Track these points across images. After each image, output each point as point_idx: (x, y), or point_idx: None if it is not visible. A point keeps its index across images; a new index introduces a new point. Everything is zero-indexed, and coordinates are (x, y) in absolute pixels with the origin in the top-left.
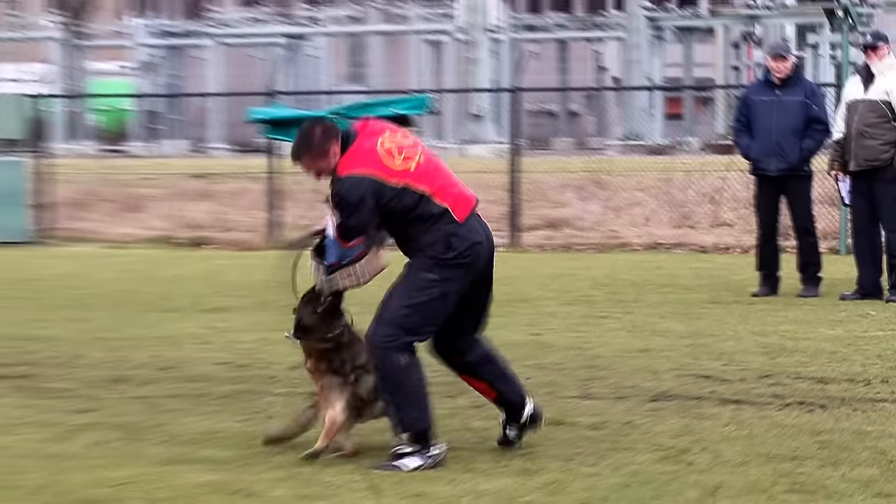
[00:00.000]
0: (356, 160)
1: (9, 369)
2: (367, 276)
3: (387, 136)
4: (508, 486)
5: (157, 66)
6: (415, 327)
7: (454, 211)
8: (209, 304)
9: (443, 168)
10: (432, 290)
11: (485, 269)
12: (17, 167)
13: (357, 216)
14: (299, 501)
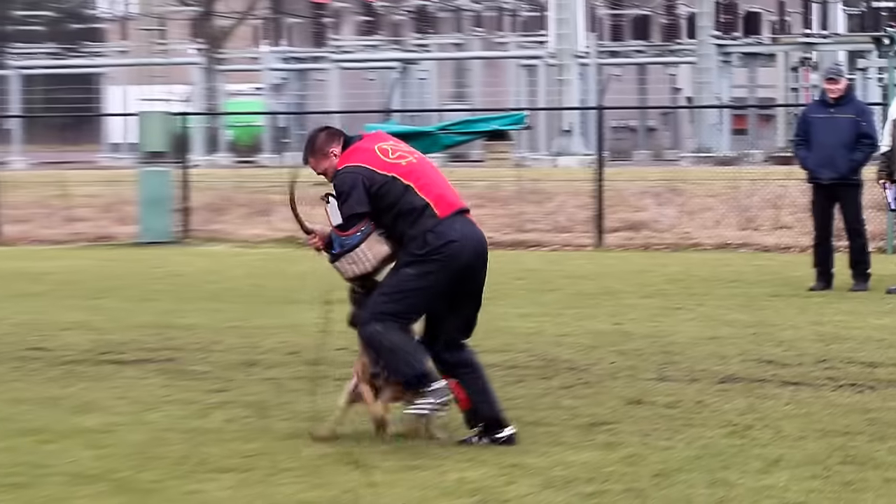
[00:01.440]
0: (352, 157)
1: (155, 353)
2: (372, 261)
3: (386, 142)
4: (593, 458)
5: (285, 88)
6: (391, 312)
7: (436, 206)
8: (330, 297)
9: (435, 174)
10: (409, 282)
11: (468, 269)
12: (164, 176)
13: (350, 201)
14: (408, 471)
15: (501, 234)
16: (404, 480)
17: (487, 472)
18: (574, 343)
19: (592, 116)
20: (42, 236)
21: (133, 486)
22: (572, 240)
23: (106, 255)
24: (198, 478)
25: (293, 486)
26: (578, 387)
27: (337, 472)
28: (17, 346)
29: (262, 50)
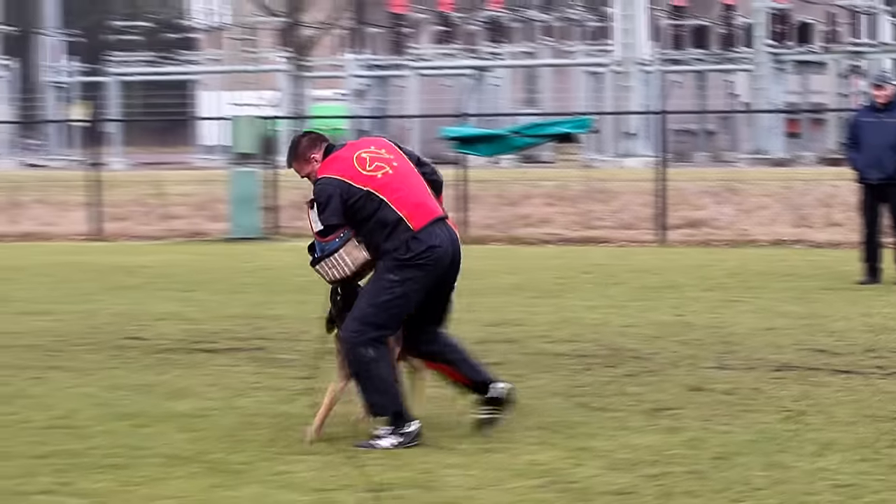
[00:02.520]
0: (332, 166)
1: (245, 343)
2: (351, 267)
3: (367, 150)
4: (657, 441)
5: (367, 93)
6: (380, 323)
7: (410, 220)
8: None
9: (413, 183)
10: (394, 289)
11: (447, 271)
12: (252, 176)
13: (327, 211)
14: (482, 454)
15: (570, 230)
16: (478, 462)
17: (557, 455)
18: (638, 333)
19: (655, 120)
20: (139, 232)
21: (224, 467)
22: (636, 236)
23: (199, 250)
24: (285, 459)
25: (374, 467)
26: (643, 374)
27: (415, 454)
28: (115, 336)
29: (345, 58)
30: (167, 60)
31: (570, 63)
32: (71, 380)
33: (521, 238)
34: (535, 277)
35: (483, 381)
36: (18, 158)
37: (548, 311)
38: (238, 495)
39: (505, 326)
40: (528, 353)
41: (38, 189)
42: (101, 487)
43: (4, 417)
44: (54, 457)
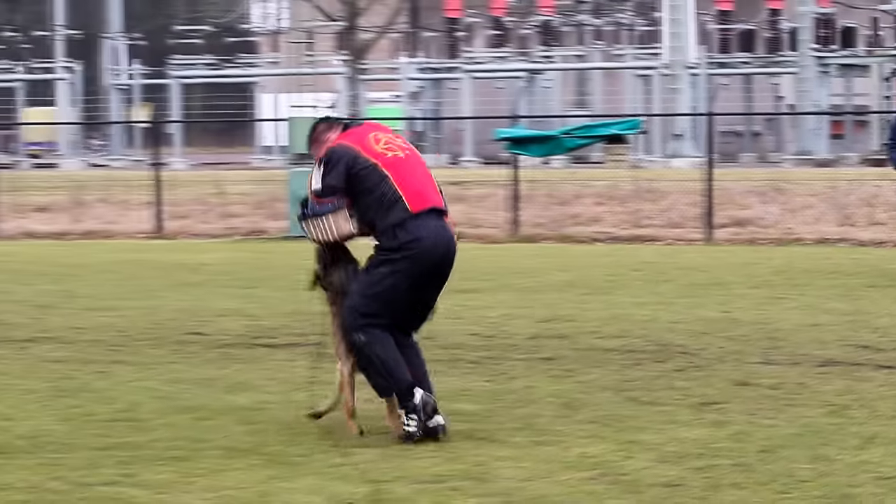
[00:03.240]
0: (346, 138)
1: (303, 338)
2: (334, 235)
3: (384, 132)
4: (703, 434)
5: (422, 95)
6: (371, 313)
7: (409, 201)
8: (462, 286)
9: (418, 171)
10: (384, 281)
11: (436, 267)
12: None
13: (331, 174)
14: (534, 446)
15: (619, 229)
16: (530, 455)
17: (607, 448)
18: (686, 329)
19: (702, 122)
20: (200, 231)
21: (282, 459)
22: (684, 235)
23: (258, 247)
24: (342, 451)
25: (429, 459)
26: (690, 369)
27: (468, 447)
28: (177, 331)
29: (401, 61)
30: (227, 63)
31: (619, 66)
32: (134, 374)
33: (571, 236)
34: (585, 275)
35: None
36: (82, 158)
37: (598, 308)
38: (295, 487)
39: (557, 322)
40: (579, 349)
41: (101, 188)
42: (162, 479)
43: (69, 410)
44: (117, 449)
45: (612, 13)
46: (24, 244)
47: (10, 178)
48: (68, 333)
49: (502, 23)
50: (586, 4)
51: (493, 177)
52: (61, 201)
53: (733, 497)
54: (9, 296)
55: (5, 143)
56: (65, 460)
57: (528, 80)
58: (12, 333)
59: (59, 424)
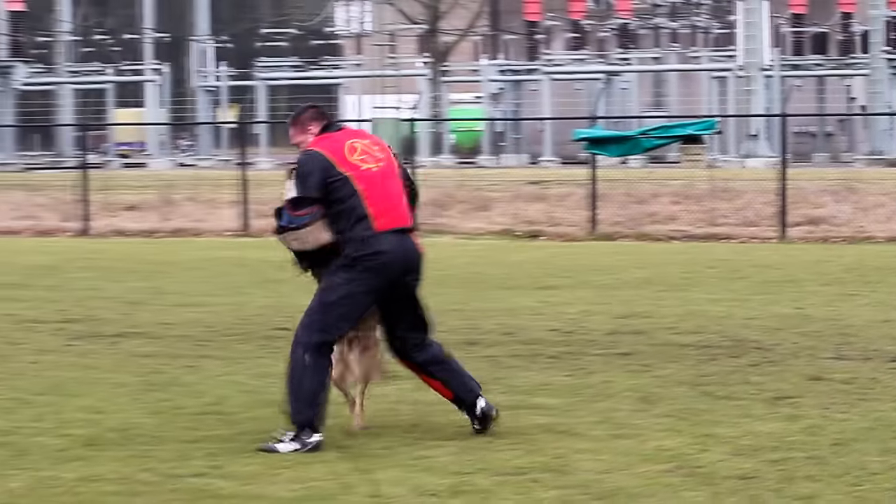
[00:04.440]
0: (322, 143)
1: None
2: (313, 245)
3: (361, 140)
4: (777, 428)
5: (502, 97)
6: (327, 323)
7: (375, 219)
8: (542, 283)
9: (391, 186)
10: (340, 290)
11: (396, 281)
12: None
13: (307, 183)
14: (613, 440)
15: (695, 227)
16: (609, 448)
17: (683, 441)
18: (760, 325)
19: (776, 122)
20: None
21: (367, 451)
22: (758, 233)
23: None
24: (425, 444)
25: (509, 452)
26: (764, 364)
27: (548, 440)
28: (263, 326)
29: (481, 63)
30: (312, 65)
31: (695, 68)
32: (221, 368)
33: (648, 234)
34: (662, 272)
35: (470, 400)
36: (170, 158)
37: (674, 304)
38: (379, 478)
39: (634, 318)
40: (655, 344)
41: (189, 187)
42: (249, 470)
43: (159, 404)
44: (206, 441)
45: (688, 16)
46: (114, 242)
47: (100, 177)
48: (158, 329)
49: (581, 26)
50: (663, 8)
51: (572, 176)
52: (150, 200)
53: (807, 489)
54: (100, 292)
55: (96, 144)
56: (154, 452)
57: (606, 81)
58: (103, 329)
59: (149, 417)
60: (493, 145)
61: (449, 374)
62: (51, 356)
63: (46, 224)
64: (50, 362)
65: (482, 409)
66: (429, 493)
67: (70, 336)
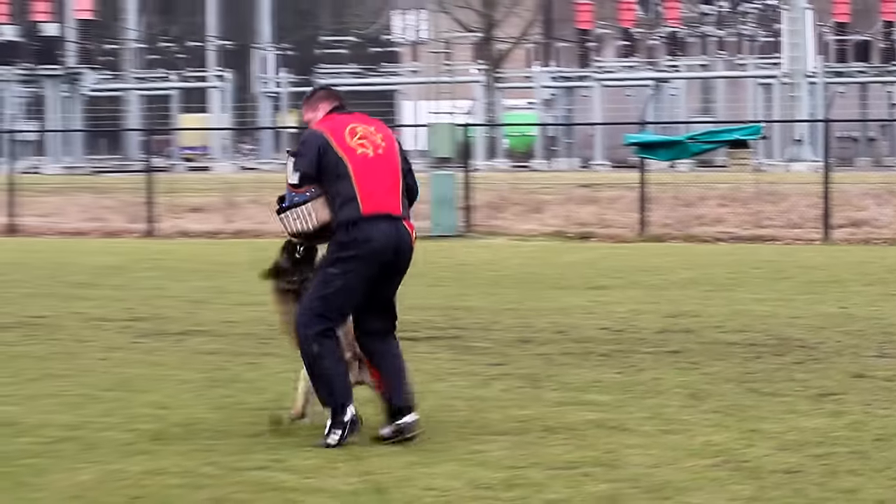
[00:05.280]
0: (326, 124)
1: (442, 331)
2: (315, 223)
3: (365, 127)
4: (822, 424)
5: (554, 102)
6: (326, 315)
7: (362, 202)
8: (593, 283)
9: (386, 173)
10: (335, 282)
11: (388, 267)
12: (450, 178)
13: (303, 160)
14: (661, 435)
15: (741, 229)
16: (657, 443)
17: (730, 437)
18: (805, 324)
19: (820, 128)
20: None
21: (423, 446)
22: (803, 235)
23: None
24: (479, 439)
25: (561, 447)
26: (809, 362)
27: (599, 435)
28: None
29: (534, 70)
30: (371, 72)
31: (742, 75)
32: (282, 365)
33: (696, 236)
34: (709, 272)
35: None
36: (233, 162)
37: (721, 304)
38: (435, 472)
39: (682, 317)
40: (703, 342)
41: (251, 190)
42: (309, 464)
43: (223, 400)
44: (267, 436)
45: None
46: (178, 243)
47: (166, 180)
48: (221, 327)
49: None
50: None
51: (622, 179)
52: (214, 202)
53: (850, 483)
54: (165, 291)
55: (161, 148)
56: (218, 446)
57: (656, 88)
58: (168, 327)
59: (213, 413)
60: (546, 149)
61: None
62: (118, 353)
63: (114, 225)
64: (117, 359)
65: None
66: (483, 486)
67: (137, 334)
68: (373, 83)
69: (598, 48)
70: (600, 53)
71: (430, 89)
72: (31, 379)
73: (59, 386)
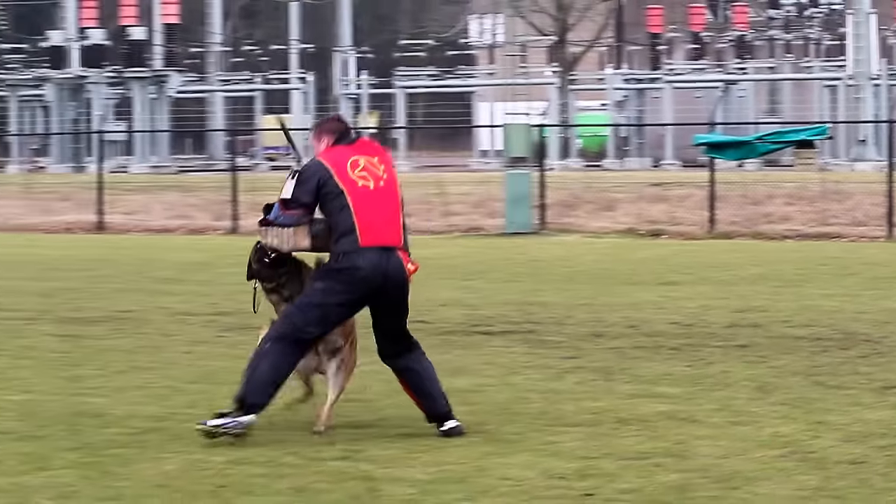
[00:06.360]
0: (329, 154)
1: (517, 326)
2: (290, 245)
3: (368, 158)
4: (886, 416)
5: (626, 104)
6: (299, 324)
7: (360, 234)
8: (663, 279)
9: (386, 205)
10: (315, 296)
11: (375, 296)
12: (525, 178)
13: (302, 188)
14: (730, 426)
15: (808, 227)
16: (726, 434)
17: (797, 428)
18: (870, 319)
19: (884, 128)
20: (423, 228)
21: (498, 437)
22: (867, 232)
23: (476, 243)
24: (553, 430)
25: (633, 438)
26: (873, 356)
27: (670, 426)
28: None
29: (607, 72)
30: (448, 74)
31: (808, 77)
32: (362, 357)
33: (763, 233)
34: (776, 269)
35: (438, 415)
36: None
37: (788, 299)
38: (510, 462)
39: (750, 312)
40: (771, 337)
41: None
42: (389, 454)
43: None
44: (348, 426)
45: (801, 29)
46: None
47: (248, 179)
48: None
49: (700, 37)
50: (777, 21)
51: (691, 178)
52: None
53: None
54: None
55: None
56: (299, 437)
57: (724, 89)
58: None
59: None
60: (618, 149)
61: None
62: (202, 347)
63: (198, 223)
64: (202, 352)
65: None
66: (557, 476)
67: (221, 328)
68: (450, 85)
69: (668, 51)
70: (671, 56)
71: (506, 91)
72: (119, 371)
73: (145, 378)
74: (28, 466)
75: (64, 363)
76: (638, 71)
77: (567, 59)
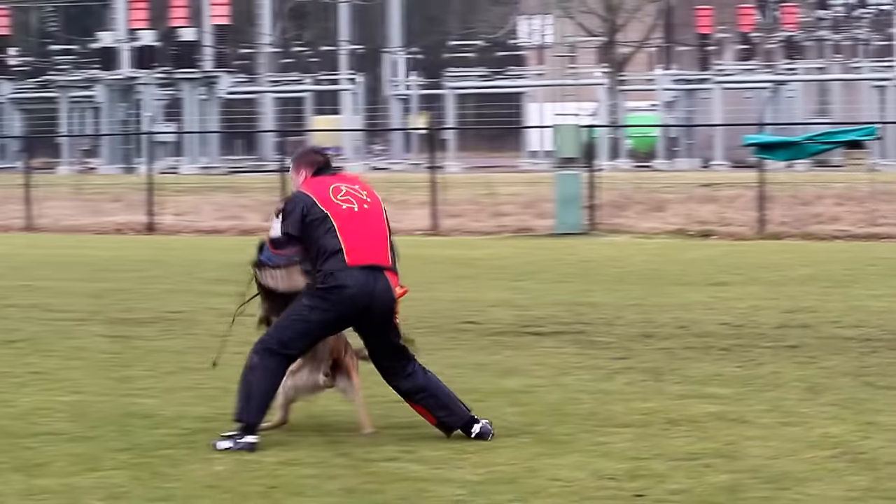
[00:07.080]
0: (309, 184)
1: (568, 327)
2: (284, 284)
3: (349, 185)
4: None
5: (676, 104)
6: (283, 340)
7: (347, 253)
8: (713, 280)
9: (372, 226)
10: (301, 313)
11: (360, 316)
12: (575, 178)
13: (288, 221)
14: (781, 427)
15: (857, 227)
16: (777, 435)
17: (847, 429)
18: None
19: None
20: (473, 228)
21: (549, 437)
22: None
23: (526, 244)
24: (604, 431)
25: (683, 439)
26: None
27: (720, 427)
28: (453, 320)
29: (656, 73)
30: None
31: (857, 78)
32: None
33: (813, 234)
34: (826, 269)
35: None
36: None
37: (838, 300)
38: (561, 463)
39: (800, 313)
40: (820, 337)
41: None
42: (439, 455)
43: None
44: (398, 428)
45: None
46: None
47: None
48: None
49: (750, 38)
50: (826, 21)
51: (741, 179)
52: None
53: None
54: None
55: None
56: (349, 438)
57: (774, 90)
58: None
59: (344, 405)
60: (668, 150)
61: (433, 401)
62: None
63: (249, 224)
64: None
65: (478, 434)
66: (607, 476)
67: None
68: (500, 86)
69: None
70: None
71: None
72: (169, 372)
73: (195, 379)
74: (78, 467)
75: (114, 364)
76: (687, 71)
77: (616, 60)
